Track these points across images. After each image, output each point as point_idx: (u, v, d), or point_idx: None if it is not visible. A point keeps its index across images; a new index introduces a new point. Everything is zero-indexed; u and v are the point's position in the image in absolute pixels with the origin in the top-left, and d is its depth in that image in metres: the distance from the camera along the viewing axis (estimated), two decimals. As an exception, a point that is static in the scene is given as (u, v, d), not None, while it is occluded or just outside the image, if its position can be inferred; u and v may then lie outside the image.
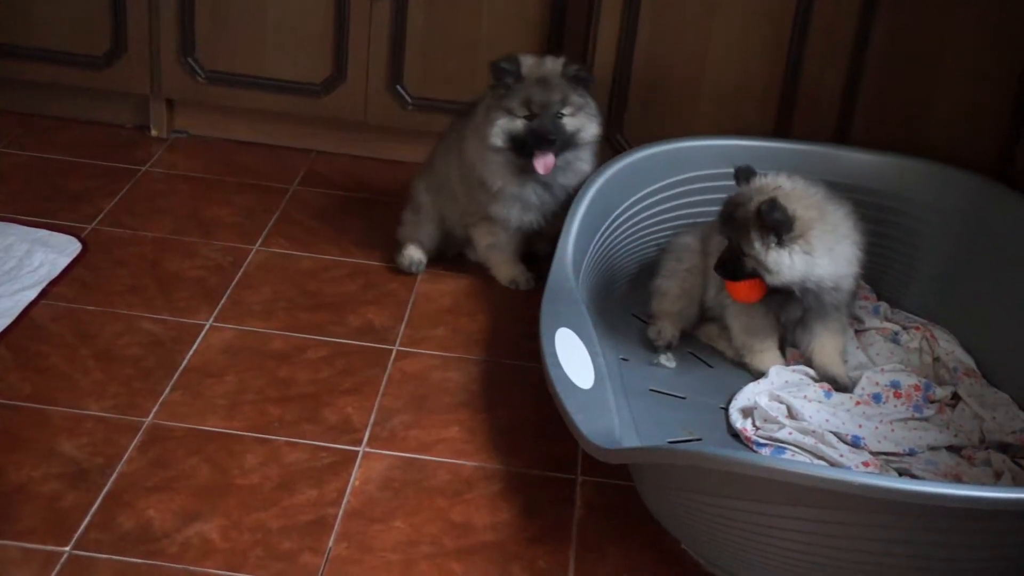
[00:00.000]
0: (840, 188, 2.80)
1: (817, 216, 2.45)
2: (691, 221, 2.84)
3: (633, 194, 2.79)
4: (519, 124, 2.70)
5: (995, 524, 1.85)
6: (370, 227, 3.06)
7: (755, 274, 2.46)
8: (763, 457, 2.22)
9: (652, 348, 2.63)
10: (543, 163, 2.69)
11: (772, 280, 2.44)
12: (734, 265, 2.47)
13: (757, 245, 2.41)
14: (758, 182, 2.49)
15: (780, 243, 2.40)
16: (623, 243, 2.81)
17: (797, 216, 2.40)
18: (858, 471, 2.27)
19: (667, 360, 2.61)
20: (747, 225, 2.42)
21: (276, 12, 3.21)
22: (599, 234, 2.71)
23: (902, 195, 2.81)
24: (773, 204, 2.38)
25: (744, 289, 2.51)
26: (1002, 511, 1.82)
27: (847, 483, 1.81)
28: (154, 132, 3.41)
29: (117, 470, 2.19)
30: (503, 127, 2.71)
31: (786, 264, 2.42)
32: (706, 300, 2.69)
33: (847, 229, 2.51)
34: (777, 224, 2.38)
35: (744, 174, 2.51)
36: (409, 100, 3.27)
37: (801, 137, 3.00)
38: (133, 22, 3.25)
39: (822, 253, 2.43)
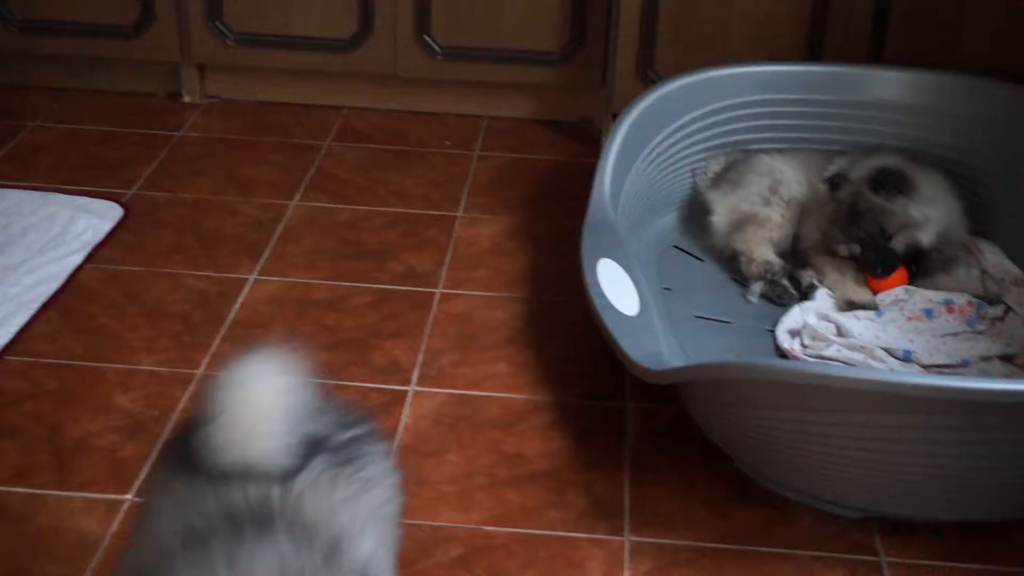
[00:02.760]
0: (876, 107, 2.81)
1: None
2: (728, 151, 2.83)
3: (667, 125, 2.77)
4: None
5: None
6: (405, 177, 3.07)
7: (906, 257, 2.51)
8: (809, 364, 2.22)
9: (743, 283, 2.61)
10: None
11: (924, 235, 2.49)
12: (886, 256, 2.49)
13: (897, 207, 2.46)
14: (847, 187, 2.54)
15: (909, 198, 2.47)
16: (660, 176, 2.79)
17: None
18: (907, 372, 2.26)
19: (752, 295, 2.58)
20: (875, 204, 2.47)
21: (300, -31, 3.22)
22: (635, 167, 2.69)
23: (940, 111, 2.78)
24: (884, 169, 2.47)
25: (894, 280, 2.53)
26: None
27: (896, 384, 1.80)
28: (187, 98, 3.42)
29: (172, 420, 2.21)
30: None
31: (928, 212, 2.48)
32: (801, 236, 2.67)
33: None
34: (898, 180, 2.46)
35: (836, 181, 2.55)
36: (438, 50, 3.27)
37: (834, 59, 2.97)
38: (160, -11, 3.27)
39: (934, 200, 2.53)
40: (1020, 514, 2.03)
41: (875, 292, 2.53)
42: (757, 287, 2.57)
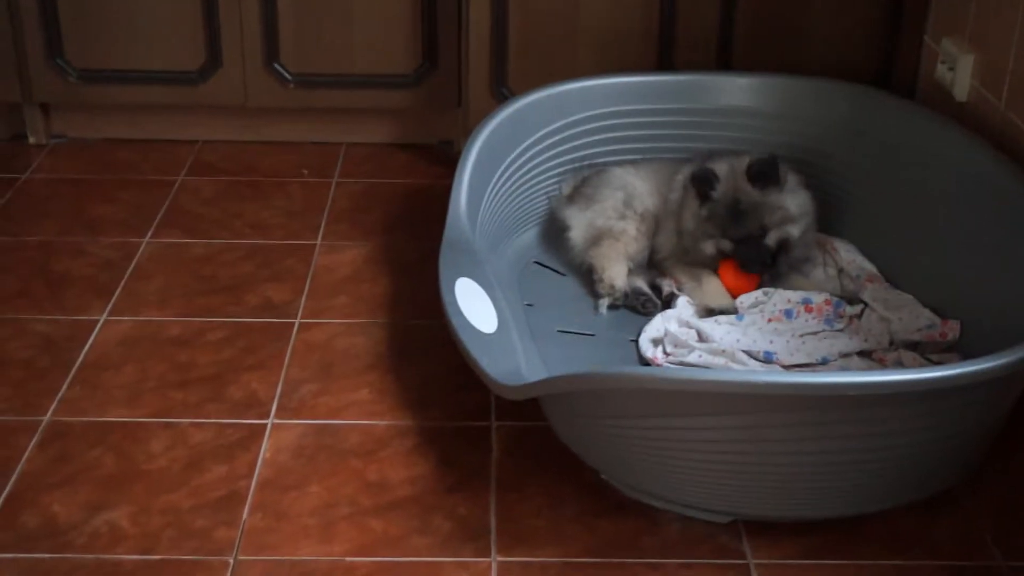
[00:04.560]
0: (726, 113, 2.83)
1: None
2: (583, 164, 2.82)
3: (522, 142, 2.75)
4: None
5: (900, 410, 1.86)
6: (261, 208, 3.01)
7: (776, 251, 2.51)
8: (660, 369, 2.21)
9: (595, 295, 2.59)
10: None
11: (795, 229, 2.50)
12: (763, 252, 2.48)
13: (774, 202, 2.47)
14: (721, 185, 2.51)
15: (780, 190, 2.48)
16: (518, 192, 2.77)
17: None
18: (762, 371, 2.26)
19: (601, 307, 2.57)
20: (757, 200, 2.47)
21: (141, 1, 3.13)
22: (492, 184, 2.67)
23: (787, 114, 2.81)
24: (760, 160, 2.47)
25: (752, 282, 2.53)
26: (902, 393, 1.83)
27: (745, 384, 1.80)
28: (32, 140, 3.31)
29: (17, 471, 2.12)
30: None
31: (802, 204, 2.51)
32: (656, 247, 2.66)
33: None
34: (773, 169, 2.46)
35: (705, 177, 2.51)
36: (289, 78, 3.22)
37: (684, 69, 2.99)
38: (-6, 29, 3.16)
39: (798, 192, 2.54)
40: (878, 507, 2.04)
41: (734, 295, 2.54)
42: (605, 301, 2.57)
